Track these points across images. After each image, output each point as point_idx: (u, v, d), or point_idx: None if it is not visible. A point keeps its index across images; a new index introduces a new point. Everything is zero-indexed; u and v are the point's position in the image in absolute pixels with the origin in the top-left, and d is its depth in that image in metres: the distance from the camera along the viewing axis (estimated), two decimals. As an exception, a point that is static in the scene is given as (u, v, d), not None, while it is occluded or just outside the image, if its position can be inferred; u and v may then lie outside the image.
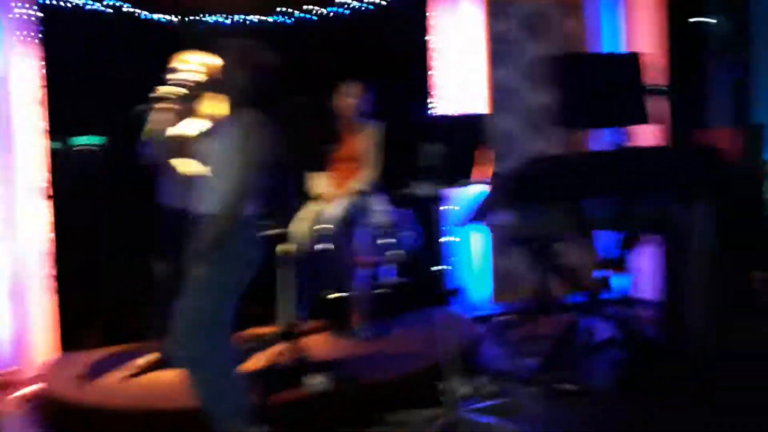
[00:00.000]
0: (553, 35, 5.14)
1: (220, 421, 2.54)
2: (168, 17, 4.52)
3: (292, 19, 4.63)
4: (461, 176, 3.25)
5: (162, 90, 3.36)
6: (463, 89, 4.95)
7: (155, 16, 4.50)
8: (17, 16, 4.26)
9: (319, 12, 4.67)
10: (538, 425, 3.12)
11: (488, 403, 3.28)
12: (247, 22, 4.60)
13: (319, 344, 3.82)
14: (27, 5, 4.28)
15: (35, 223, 4.32)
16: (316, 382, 3.16)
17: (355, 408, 3.21)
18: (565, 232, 4.17)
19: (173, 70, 3.48)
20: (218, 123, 2.73)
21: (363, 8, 4.72)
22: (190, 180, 2.75)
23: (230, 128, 2.61)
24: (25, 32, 4.29)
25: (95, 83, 4.37)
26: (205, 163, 2.67)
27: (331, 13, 4.69)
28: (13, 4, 4.25)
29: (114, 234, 4.48)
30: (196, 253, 2.50)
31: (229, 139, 2.58)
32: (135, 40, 4.44)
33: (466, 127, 3.36)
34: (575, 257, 4.88)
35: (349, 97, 4.17)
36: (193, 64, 3.53)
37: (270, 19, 4.62)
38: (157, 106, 3.32)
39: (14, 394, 3.93)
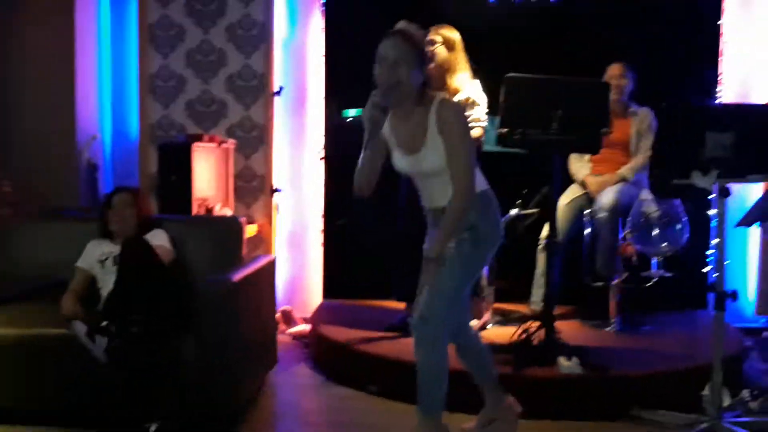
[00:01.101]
0: None
1: (426, 393, 2.55)
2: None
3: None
4: (750, 171, 2.99)
5: None
6: (751, 78, 4.55)
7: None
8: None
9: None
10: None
11: (753, 419, 3.02)
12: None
13: (571, 330, 3.76)
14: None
15: (314, 182, 4.79)
16: (569, 365, 3.14)
17: (605, 398, 3.14)
18: None
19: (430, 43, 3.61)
20: (402, 123, 2.57)
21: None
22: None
23: (430, 121, 2.48)
24: (316, 5, 4.73)
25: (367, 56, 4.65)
26: (428, 165, 2.53)
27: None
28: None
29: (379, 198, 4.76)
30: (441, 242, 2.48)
31: (436, 129, 2.46)
32: (406, 14, 4.58)
33: (761, 118, 3.07)
34: None
35: (613, 78, 3.99)
36: (434, 35, 3.63)
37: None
38: None
39: (287, 330, 4.42)
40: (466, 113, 3.57)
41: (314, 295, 4.79)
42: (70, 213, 4.10)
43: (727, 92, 4.55)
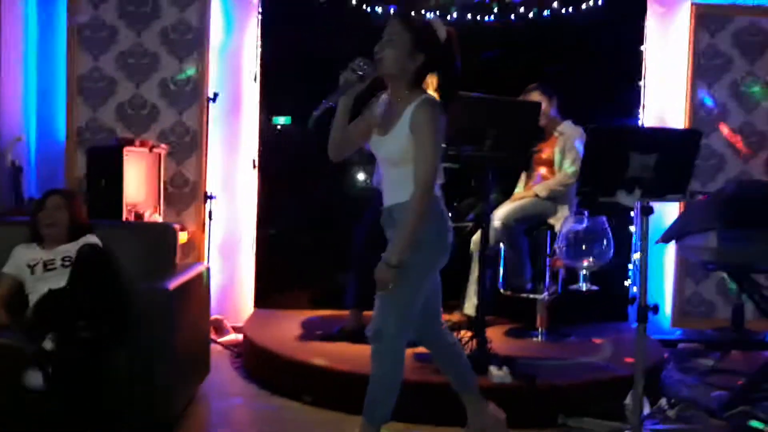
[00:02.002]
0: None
1: (374, 403, 2.54)
2: (379, 8, 4.68)
3: (510, 18, 4.67)
4: (669, 191, 3.17)
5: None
6: (668, 102, 4.83)
7: (365, 6, 4.66)
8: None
9: (532, 12, 4.68)
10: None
11: (671, 426, 3.20)
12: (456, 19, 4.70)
13: (499, 339, 3.88)
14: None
15: (248, 190, 4.77)
16: (500, 374, 3.23)
17: (534, 406, 3.25)
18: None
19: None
20: (389, 107, 2.60)
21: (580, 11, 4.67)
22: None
23: (406, 112, 2.50)
24: (252, 13, 4.72)
25: (303, 64, 4.64)
26: (388, 150, 2.57)
27: (545, 13, 4.69)
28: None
29: (313, 208, 4.81)
30: (396, 240, 2.49)
31: (408, 124, 2.48)
32: (345, 27, 4.65)
33: (681, 142, 3.26)
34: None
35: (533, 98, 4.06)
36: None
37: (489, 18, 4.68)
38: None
39: (219, 340, 4.37)
40: None
41: (245, 304, 4.75)
42: (-9, 216, 3.95)
43: (647, 114, 4.80)
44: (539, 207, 4.08)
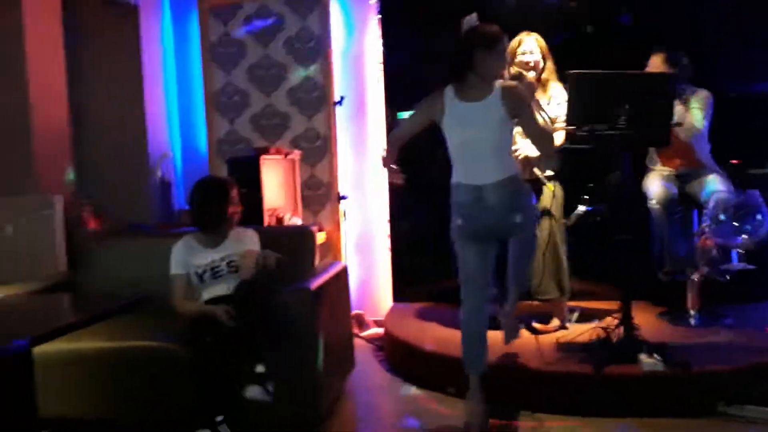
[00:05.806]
0: None
1: None
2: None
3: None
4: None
5: (514, 71, 3.54)
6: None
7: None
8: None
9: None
10: None
11: None
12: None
13: (650, 325, 3.70)
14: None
15: (379, 187, 4.85)
16: (650, 361, 3.10)
17: (689, 395, 3.10)
18: None
19: (524, 52, 3.67)
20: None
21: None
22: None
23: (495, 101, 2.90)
24: (371, 14, 4.78)
25: (424, 58, 4.66)
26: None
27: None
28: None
29: (442, 199, 4.81)
30: None
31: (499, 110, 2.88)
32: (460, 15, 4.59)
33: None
34: None
35: (654, 68, 3.81)
36: (534, 44, 3.68)
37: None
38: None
39: (360, 334, 4.48)
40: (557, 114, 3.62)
41: (384, 298, 4.85)
42: (149, 229, 4.26)
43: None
44: (683, 182, 3.82)
